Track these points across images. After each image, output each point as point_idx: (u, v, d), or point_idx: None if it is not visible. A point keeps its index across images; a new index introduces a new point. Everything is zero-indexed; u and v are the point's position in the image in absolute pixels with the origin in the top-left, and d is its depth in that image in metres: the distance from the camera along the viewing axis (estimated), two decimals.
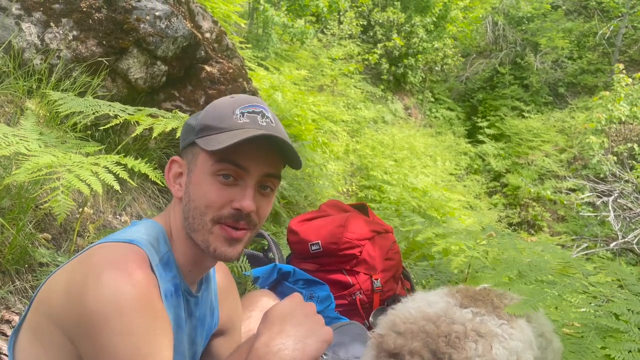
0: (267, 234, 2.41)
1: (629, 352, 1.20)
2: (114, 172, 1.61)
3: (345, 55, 11.45)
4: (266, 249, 2.36)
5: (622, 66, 10.17)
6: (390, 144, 9.58)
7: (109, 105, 2.04)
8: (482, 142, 13.11)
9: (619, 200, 6.70)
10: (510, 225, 10.76)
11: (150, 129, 1.98)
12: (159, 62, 2.50)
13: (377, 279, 2.12)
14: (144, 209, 2.38)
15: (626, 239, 5.62)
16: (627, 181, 7.44)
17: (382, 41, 12.59)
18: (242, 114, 1.07)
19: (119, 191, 1.69)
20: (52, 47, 2.29)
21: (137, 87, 2.47)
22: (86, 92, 2.23)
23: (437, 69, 14.35)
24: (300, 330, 1.01)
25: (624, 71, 10.02)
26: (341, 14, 12.23)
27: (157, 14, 2.45)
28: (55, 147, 1.76)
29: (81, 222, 1.93)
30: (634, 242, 5.46)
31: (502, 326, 1.05)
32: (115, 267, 0.93)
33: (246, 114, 1.07)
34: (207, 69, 2.76)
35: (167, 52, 2.49)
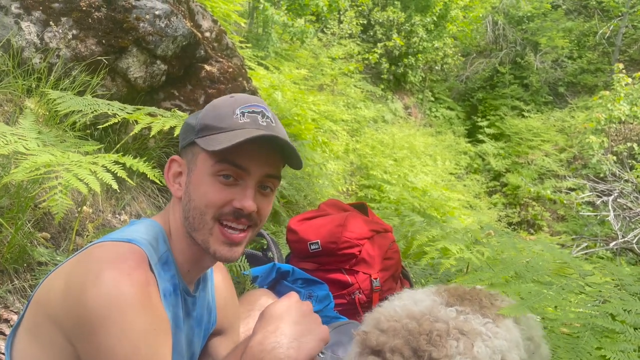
0: (267, 233, 2.41)
1: (621, 351, 1.20)
2: (112, 171, 1.61)
3: (345, 54, 11.46)
4: (265, 248, 2.35)
5: (622, 66, 10.17)
6: (390, 144, 9.58)
7: (108, 104, 2.04)
8: (482, 141, 13.11)
9: (618, 199, 6.68)
10: (510, 224, 10.77)
11: (149, 128, 1.97)
12: (158, 61, 2.49)
13: (376, 279, 2.12)
14: (143, 208, 2.38)
15: (626, 239, 5.61)
16: (626, 181, 7.43)
17: (382, 40, 12.58)
18: (243, 114, 1.07)
19: (118, 190, 1.69)
20: (51, 46, 2.29)
21: (137, 86, 2.47)
22: (85, 91, 2.23)
23: (437, 68, 14.35)
24: (296, 328, 1.01)
25: (623, 71, 10.02)
26: (341, 13, 12.23)
27: (156, 13, 2.45)
28: (53, 146, 1.76)
29: (80, 221, 1.93)
30: (634, 241, 5.44)
31: (486, 325, 1.05)
32: (114, 267, 0.92)
33: (246, 114, 1.07)
34: (207, 68, 2.76)
35: (166, 51, 2.49)
